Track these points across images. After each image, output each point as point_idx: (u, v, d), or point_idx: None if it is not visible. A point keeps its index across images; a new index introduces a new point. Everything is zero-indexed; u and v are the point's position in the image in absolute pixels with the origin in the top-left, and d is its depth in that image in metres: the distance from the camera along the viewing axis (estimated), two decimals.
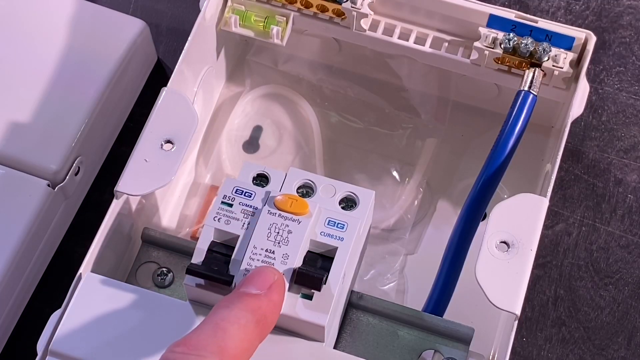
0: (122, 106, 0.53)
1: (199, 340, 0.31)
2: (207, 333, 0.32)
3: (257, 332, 0.33)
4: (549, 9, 0.57)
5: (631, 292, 0.49)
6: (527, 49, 0.45)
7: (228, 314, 0.33)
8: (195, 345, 0.31)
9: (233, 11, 0.48)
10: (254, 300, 0.34)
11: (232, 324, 0.32)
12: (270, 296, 0.35)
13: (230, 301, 0.34)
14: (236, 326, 0.32)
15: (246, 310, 0.33)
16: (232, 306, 0.33)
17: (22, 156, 0.48)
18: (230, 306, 0.33)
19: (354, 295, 0.42)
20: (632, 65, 0.55)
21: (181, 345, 0.31)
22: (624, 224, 0.51)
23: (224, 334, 0.32)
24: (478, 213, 0.43)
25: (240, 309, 0.33)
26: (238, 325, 0.32)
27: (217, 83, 0.53)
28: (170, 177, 0.42)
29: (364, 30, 0.48)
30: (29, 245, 0.47)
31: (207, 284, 0.37)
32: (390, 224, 0.50)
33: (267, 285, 0.35)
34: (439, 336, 0.41)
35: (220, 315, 0.33)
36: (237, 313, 0.33)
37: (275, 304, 0.35)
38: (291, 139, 0.52)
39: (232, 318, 0.33)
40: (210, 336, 0.32)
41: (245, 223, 0.38)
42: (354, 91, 0.53)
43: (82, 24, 0.52)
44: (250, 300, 0.34)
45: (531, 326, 0.48)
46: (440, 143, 0.52)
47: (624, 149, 0.53)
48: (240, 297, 0.34)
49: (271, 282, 0.35)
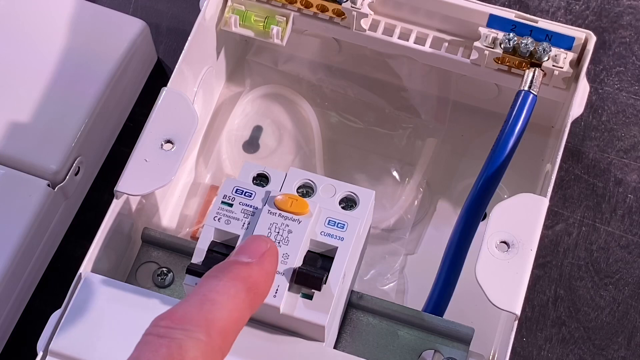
0: (122, 106, 0.53)
1: (185, 313, 0.29)
2: (194, 305, 0.29)
3: (248, 301, 0.31)
4: (549, 9, 0.57)
5: (631, 292, 0.49)
6: (527, 49, 0.45)
7: (216, 284, 0.30)
8: (180, 318, 0.29)
9: (233, 11, 0.48)
10: (245, 269, 0.32)
11: (221, 295, 0.30)
12: (262, 264, 0.32)
13: (219, 270, 0.31)
14: (225, 296, 0.30)
15: (236, 280, 0.31)
16: (220, 275, 0.31)
17: (22, 156, 0.48)
18: (219, 275, 0.31)
19: (354, 295, 0.42)
20: (632, 65, 0.55)
21: (165, 318, 0.29)
22: (624, 224, 0.51)
23: (212, 305, 0.30)
24: (478, 213, 0.43)
25: (230, 278, 0.31)
26: (227, 296, 0.30)
27: (217, 83, 0.53)
28: (170, 177, 0.42)
29: (364, 30, 0.48)
30: (29, 245, 0.47)
31: None
32: (390, 224, 0.50)
33: (259, 253, 0.33)
34: (439, 336, 0.41)
35: (208, 285, 0.30)
36: (227, 283, 0.31)
37: (267, 272, 0.33)
38: (291, 139, 0.52)
39: (220, 288, 0.30)
40: (197, 308, 0.29)
41: (246, 223, 0.38)
42: (354, 91, 0.53)
43: (82, 24, 0.52)
44: (241, 269, 0.32)
45: (531, 326, 0.48)
46: (440, 143, 0.52)
47: (624, 149, 0.53)
48: (231, 265, 0.32)
49: (263, 250, 0.33)
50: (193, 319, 0.29)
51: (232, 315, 0.30)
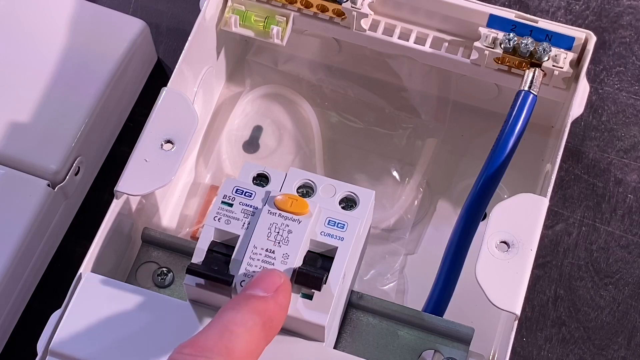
0: (122, 106, 0.53)
1: (206, 342, 0.31)
2: (215, 335, 0.32)
3: (264, 334, 0.33)
4: (549, 9, 0.57)
5: (631, 292, 0.49)
6: (527, 49, 0.45)
7: (235, 316, 0.33)
8: (202, 346, 0.31)
9: (233, 11, 0.48)
10: (261, 303, 0.34)
11: (239, 326, 0.32)
12: (277, 299, 0.35)
13: (237, 303, 0.34)
14: (243, 328, 0.32)
15: (253, 313, 0.33)
16: (239, 308, 0.33)
17: (22, 156, 0.48)
18: (237, 308, 0.33)
19: (354, 295, 0.42)
20: (632, 65, 0.55)
21: (188, 346, 0.31)
22: (624, 224, 0.51)
23: (231, 335, 0.32)
24: (478, 213, 0.43)
25: (247, 311, 0.33)
26: (245, 328, 0.32)
27: (217, 83, 0.53)
28: (170, 177, 0.42)
29: (364, 30, 0.48)
30: (29, 245, 0.47)
31: (207, 283, 0.37)
32: (390, 224, 0.50)
33: (274, 287, 0.35)
34: (439, 336, 0.41)
35: (228, 317, 0.33)
36: (244, 315, 0.33)
37: (281, 306, 0.35)
38: (291, 139, 0.52)
39: (239, 320, 0.33)
40: (218, 338, 0.32)
41: (246, 223, 0.38)
42: (354, 91, 0.53)
43: (82, 24, 0.52)
44: (257, 303, 0.34)
45: (531, 326, 0.48)
46: (440, 143, 0.51)
47: (624, 149, 0.53)
48: (248, 299, 0.34)
49: (278, 285, 0.35)
50: (214, 348, 0.31)
51: (249, 346, 0.32)
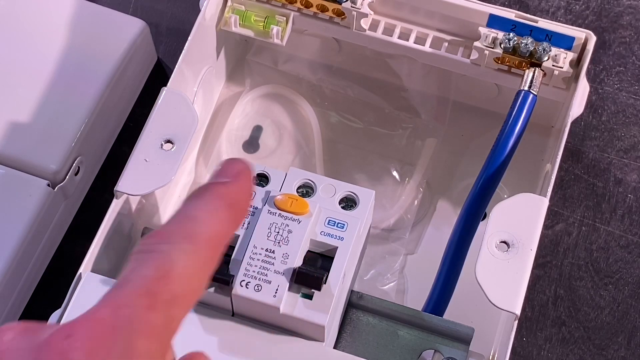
0: (122, 106, 0.53)
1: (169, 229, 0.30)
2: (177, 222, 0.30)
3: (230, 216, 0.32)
4: (549, 9, 0.57)
5: (631, 292, 0.49)
6: (527, 49, 0.45)
7: (197, 203, 0.31)
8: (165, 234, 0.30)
9: (233, 11, 0.48)
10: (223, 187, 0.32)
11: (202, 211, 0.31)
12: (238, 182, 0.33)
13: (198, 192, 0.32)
14: (205, 212, 0.31)
15: (215, 197, 0.32)
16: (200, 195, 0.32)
17: (22, 156, 0.48)
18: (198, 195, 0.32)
19: (354, 295, 0.42)
20: (632, 65, 0.55)
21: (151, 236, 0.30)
22: (624, 224, 0.51)
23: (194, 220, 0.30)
24: (478, 213, 0.43)
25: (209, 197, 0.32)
26: (207, 211, 0.31)
27: (217, 83, 0.53)
28: (170, 177, 0.42)
29: (364, 30, 0.48)
30: (29, 245, 0.47)
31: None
32: (390, 224, 0.50)
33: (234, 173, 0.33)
34: (439, 336, 0.41)
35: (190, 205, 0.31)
36: (207, 201, 0.32)
37: (244, 189, 0.33)
38: (291, 139, 0.52)
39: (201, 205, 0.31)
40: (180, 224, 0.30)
41: (246, 223, 0.38)
42: (354, 91, 0.53)
43: (82, 24, 0.52)
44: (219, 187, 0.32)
45: (531, 326, 0.48)
46: (440, 143, 0.51)
47: (624, 149, 0.53)
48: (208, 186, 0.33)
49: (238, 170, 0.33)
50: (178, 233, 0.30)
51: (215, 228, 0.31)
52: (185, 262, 0.29)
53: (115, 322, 0.26)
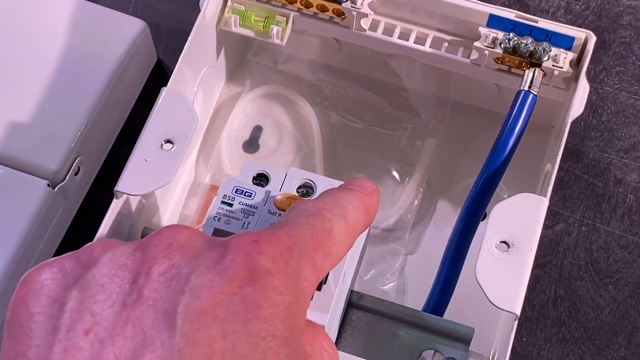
0: (122, 106, 0.53)
1: (325, 202, 0.33)
2: (330, 202, 0.33)
3: (365, 218, 0.35)
4: (549, 9, 0.57)
5: (631, 292, 0.49)
6: (527, 49, 0.45)
7: (344, 195, 0.34)
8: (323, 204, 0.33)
9: (233, 11, 0.48)
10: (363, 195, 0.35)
11: (348, 203, 0.34)
12: (374, 196, 0.36)
13: (342, 189, 0.35)
14: (351, 206, 0.34)
15: (357, 198, 0.35)
16: (345, 192, 0.35)
17: (22, 156, 0.48)
18: (343, 191, 0.35)
19: (354, 295, 0.42)
20: (632, 65, 0.55)
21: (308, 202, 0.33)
22: (624, 224, 0.51)
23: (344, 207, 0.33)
24: (478, 213, 0.43)
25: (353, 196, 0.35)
26: (352, 206, 0.34)
27: (217, 83, 0.53)
28: (170, 177, 0.42)
29: (364, 30, 0.48)
30: (29, 245, 0.47)
31: None
32: (390, 224, 0.50)
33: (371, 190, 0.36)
34: (439, 336, 0.41)
35: (338, 194, 0.34)
36: (351, 197, 0.34)
37: (376, 203, 0.36)
38: (291, 139, 0.52)
39: (348, 199, 0.34)
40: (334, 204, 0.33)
41: (245, 223, 0.38)
42: (354, 91, 0.53)
43: (82, 24, 0.52)
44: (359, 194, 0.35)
45: (531, 326, 0.48)
46: (440, 143, 0.51)
47: (624, 149, 0.53)
48: (351, 189, 0.35)
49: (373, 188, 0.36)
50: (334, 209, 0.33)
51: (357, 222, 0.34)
52: (340, 231, 0.32)
53: (291, 245, 0.30)
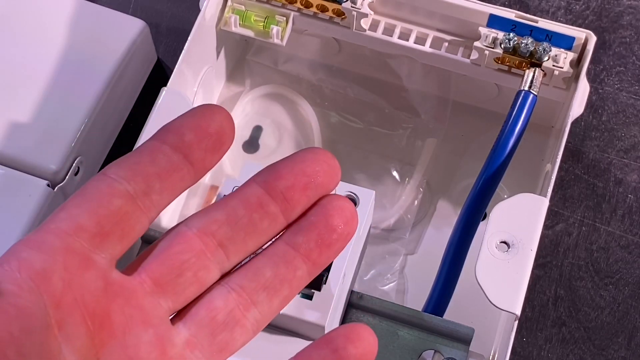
0: (122, 106, 0.53)
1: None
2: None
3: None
4: (549, 9, 0.57)
5: (631, 292, 0.49)
6: (527, 49, 0.45)
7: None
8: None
9: (233, 11, 0.48)
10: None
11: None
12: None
13: None
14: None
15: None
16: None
17: (22, 156, 0.48)
18: None
19: (354, 295, 0.42)
20: (632, 65, 0.55)
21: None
22: (624, 224, 0.51)
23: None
24: (478, 213, 0.43)
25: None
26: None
27: (217, 83, 0.53)
28: None
29: (364, 30, 0.48)
30: None
31: None
32: (390, 224, 0.50)
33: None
34: (439, 336, 0.41)
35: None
36: None
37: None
38: (291, 139, 0.52)
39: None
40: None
41: None
42: (354, 91, 0.53)
43: (82, 24, 0.52)
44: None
45: (531, 326, 0.48)
46: (440, 143, 0.51)
47: (624, 149, 0.53)
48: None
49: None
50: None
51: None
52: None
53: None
